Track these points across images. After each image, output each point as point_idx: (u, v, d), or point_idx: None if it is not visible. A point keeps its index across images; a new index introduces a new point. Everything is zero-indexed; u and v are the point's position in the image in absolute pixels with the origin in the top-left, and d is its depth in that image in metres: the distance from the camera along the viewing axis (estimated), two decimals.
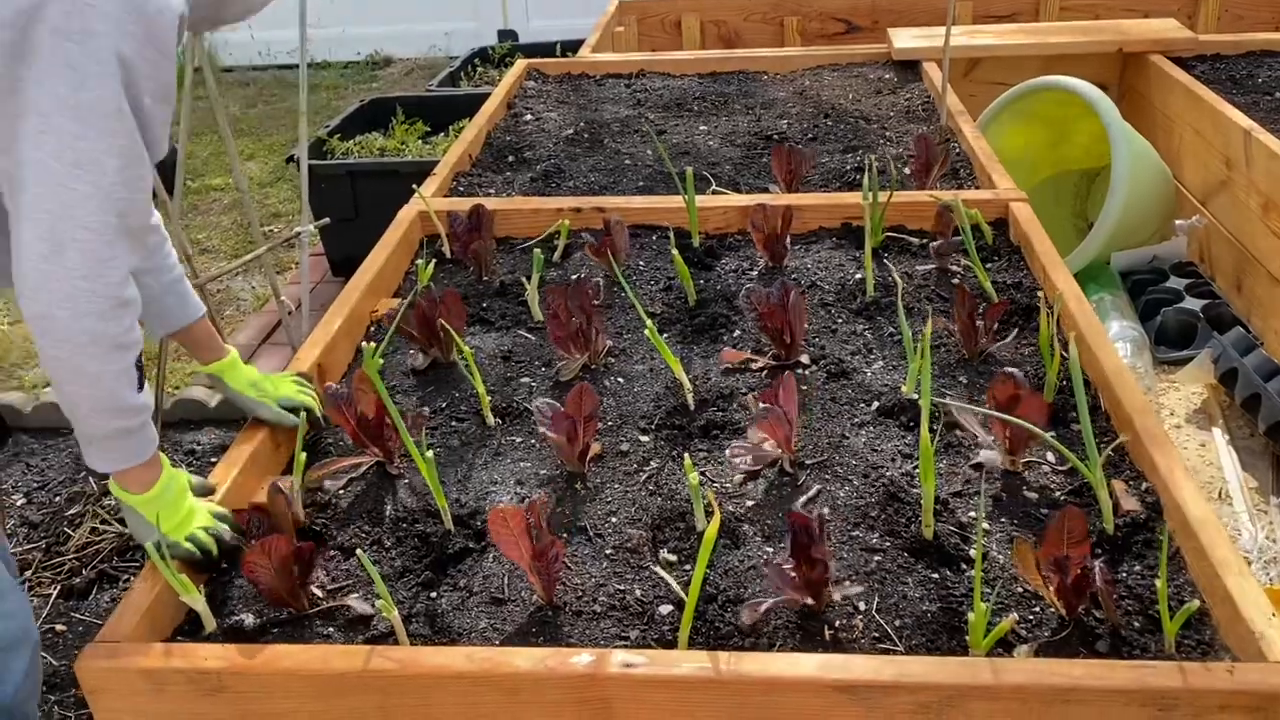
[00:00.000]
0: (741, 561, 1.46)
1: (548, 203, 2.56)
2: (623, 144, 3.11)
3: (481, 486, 1.66)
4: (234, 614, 1.42)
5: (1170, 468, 1.52)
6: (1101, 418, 1.73)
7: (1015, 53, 3.75)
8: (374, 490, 1.66)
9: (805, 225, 2.46)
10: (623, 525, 1.55)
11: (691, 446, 1.73)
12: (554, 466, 1.69)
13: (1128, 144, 3.04)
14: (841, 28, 4.85)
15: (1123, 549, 1.46)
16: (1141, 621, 1.34)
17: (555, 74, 3.80)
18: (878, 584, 1.42)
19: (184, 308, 1.68)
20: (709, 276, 2.30)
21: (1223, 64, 3.61)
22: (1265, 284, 2.87)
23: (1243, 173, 2.97)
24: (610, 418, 1.82)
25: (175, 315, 1.67)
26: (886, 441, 1.71)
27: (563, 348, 1.94)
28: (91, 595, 2.25)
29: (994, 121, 3.48)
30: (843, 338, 2.03)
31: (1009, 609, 1.37)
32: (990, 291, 2.10)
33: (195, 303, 1.70)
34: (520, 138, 3.18)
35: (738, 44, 4.87)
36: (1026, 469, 1.63)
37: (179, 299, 1.68)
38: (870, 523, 1.53)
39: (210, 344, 1.73)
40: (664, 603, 1.40)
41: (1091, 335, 1.85)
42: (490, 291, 2.25)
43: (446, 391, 1.92)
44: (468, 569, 1.49)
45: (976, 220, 2.34)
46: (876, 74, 3.62)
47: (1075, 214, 3.80)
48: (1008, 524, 1.52)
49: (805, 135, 3.10)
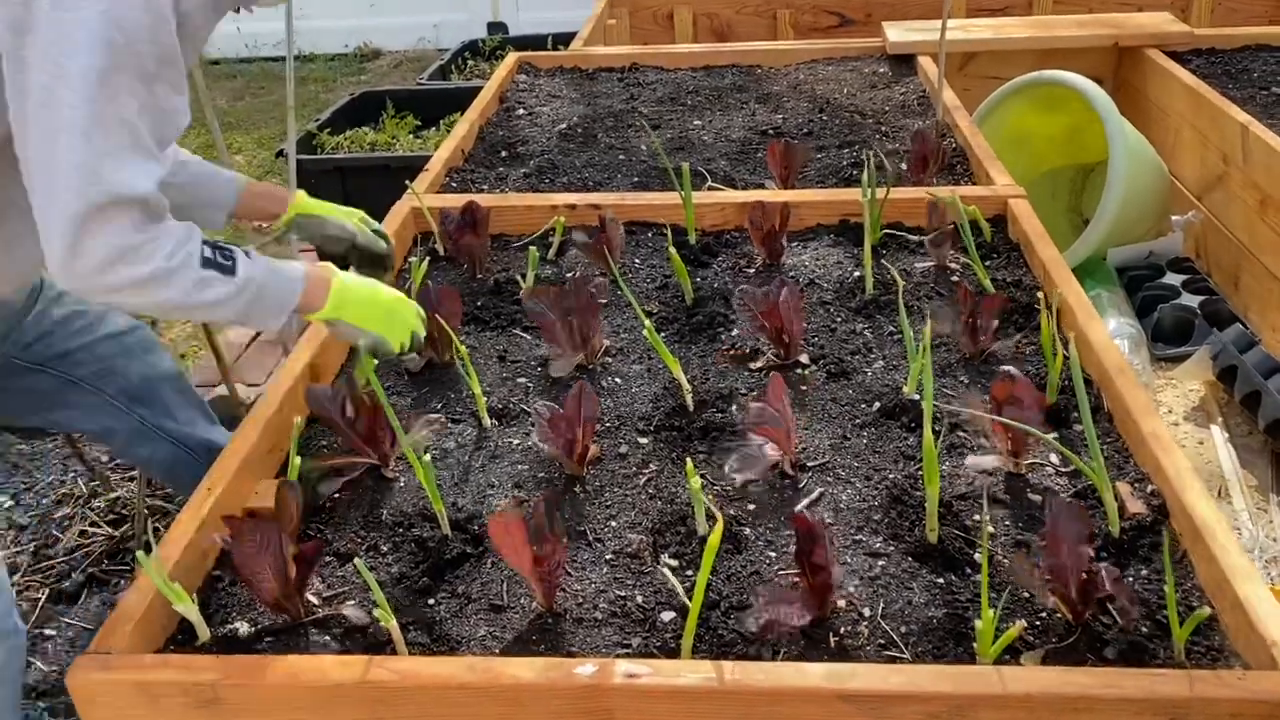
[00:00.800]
0: (744, 566, 1.44)
1: (542, 199, 2.53)
2: (616, 139, 3.08)
3: (479, 490, 1.63)
4: (228, 622, 1.39)
5: (1176, 469, 1.50)
6: (1104, 418, 1.71)
7: (1011, 47, 3.73)
8: (369, 494, 1.63)
9: (803, 222, 2.43)
10: (623, 530, 1.53)
11: (691, 448, 1.71)
12: (552, 469, 1.67)
13: (1124, 140, 3.03)
14: (834, 20, 4.83)
15: (1129, 552, 1.45)
16: (1149, 627, 1.32)
17: (547, 67, 3.76)
18: (882, 589, 1.40)
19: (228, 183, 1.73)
20: (706, 274, 2.27)
21: (1218, 58, 3.60)
22: (1263, 280, 2.86)
23: (1240, 168, 2.96)
24: (608, 419, 1.79)
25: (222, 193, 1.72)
26: (888, 443, 1.69)
27: (560, 348, 1.92)
28: (81, 599, 2.22)
29: (990, 116, 3.46)
30: (842, 337, 2.01)
31: (1015, 614, 1.35)
32: (989, 288, 2.09)
33: (228, 174, 1.73)
34: (513, 132, 3.14)
35: (730, 37, 4.84)
36: (1030, 470, 1.61)
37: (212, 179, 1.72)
38: (874, 526, 1.51)
39: (273, 194, 1.78)
40: (666, 609, 1.38)
41: (1093, 334, 1.83)
42: (485, 290, 2.22)
43: (442, 392, 1.90)
44: (466, 575, 1.46)
45: (975, 217, 2.32)
46: (871, 68, 3.60)
47: (1070, 209, 3.78)
48: (1012, 527, 1.51)
49: (801, 130, 3.08)
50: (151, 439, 1.92)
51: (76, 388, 1.88)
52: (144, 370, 1.90)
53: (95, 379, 1.89)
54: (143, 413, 1.89)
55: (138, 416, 1.88)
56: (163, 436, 1.92)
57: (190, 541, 1.45)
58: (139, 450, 1.94)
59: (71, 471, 2.58)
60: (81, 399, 1.81)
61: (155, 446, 1.92)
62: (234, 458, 1.62)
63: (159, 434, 1.91)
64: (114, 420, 1.87)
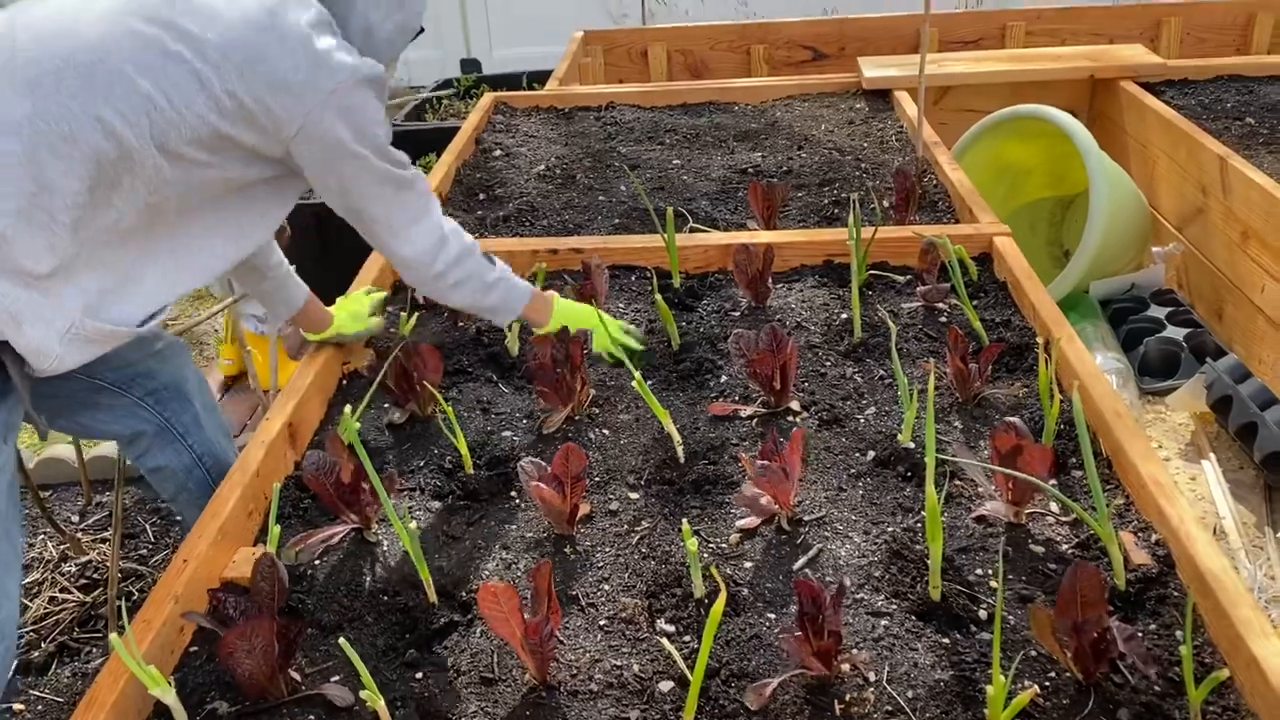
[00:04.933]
0: (743, 630, 1.39)
1: (524, 244, 2.49)
2: (596, 179, 3.05)
3: (465, 553, 1.58)
4: (206, 701, 1.33)
5: (1180, 518, 1.47)
6: (1102, 463, 1.68)
7: (987, 80, 3.74)
8: (352, 560, 1.57)
9: (787, 263, 2.41)
10: (616, 593, 1.48)
11: (684, 503, 1.66)
12: (540, 529, 1.61)
13: (1104, 173, 3.03)
14: (808, 55, 4.84)
15: (1136, 605, 1.41)
16: (1163, 685, 1.28)
17: (523, 107, 3.74)
18: (887, 651, 1.35)
19: (299, 289, 1.94)
20: (691, 318, 2.24)
21: (1191, 89, 3.62)
22: (1247, 312, 2.86)
23: (1220, 200, 2.96)
24: (597, 473, 1.74)
25: (294, 298, 1.93)
26: (885, 494, 1.65)
27: (547, 400, 1.87)
28: (51, 670, 2.13)
29: (968, 150, 3.46)
30: (832, 382, 1.98)
31: (1023, 675, 1.31)
32: (980, 331, 2.06)
33: (303, 285, 1.96)
34: (490, 175, 3.11)
35: (705, 73, 4.84)
36: (1030, 520, 1.58)
37: (295, 285, 1.95)
38: (875, 583, 1.47)
39: (322, 316, 1.99)
40: (664, 678, 1.33)
41: (1088, 378, 1.81)
42: (466, 339, 2.17)
43: (425, 448, 1.84)
44: (454, 645, 1.41)
45: (961, 256, 2.30)
46: (848, 104, 3.59)
47: (1050, 241, 3.78)
48: (1015, 580, 1.47)
49: (780, 168, 3.06)
50: (175, 444, 1.93)
51: (105, 390, 1.87)
52: (173, 374, 1.91)
53: (124, 382, 1.88)
54: (170, 416, 1.90)
55: (165, 419, 1.90)
56: (185, 444, 1.94)
57: (166, 617, 1.39)
58: (160, 457, 1.93)
59: (41, 533, 2.48)
60: (110, 401, 1.79)
61: (176, 453, 1.94)
62: (210, 524, 1.56)
63: (182, 441, 1.93)
64: (142, 423, 1.87)
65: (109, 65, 1.40)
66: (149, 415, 1.89)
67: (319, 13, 1.58)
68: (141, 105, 1.42)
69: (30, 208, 1.37)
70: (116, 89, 1.40)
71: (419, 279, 1.85)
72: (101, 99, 1.39)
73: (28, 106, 1.36)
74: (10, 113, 1.34)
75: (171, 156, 1.46)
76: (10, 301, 1.38)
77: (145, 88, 1.41)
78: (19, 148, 1.35)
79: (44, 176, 1.36)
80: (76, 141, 1.38)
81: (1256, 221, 2.76)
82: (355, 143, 1.59)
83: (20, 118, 1.35)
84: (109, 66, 1.40)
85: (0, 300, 1.38)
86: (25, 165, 1.35)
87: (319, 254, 3.96)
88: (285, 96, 1.50)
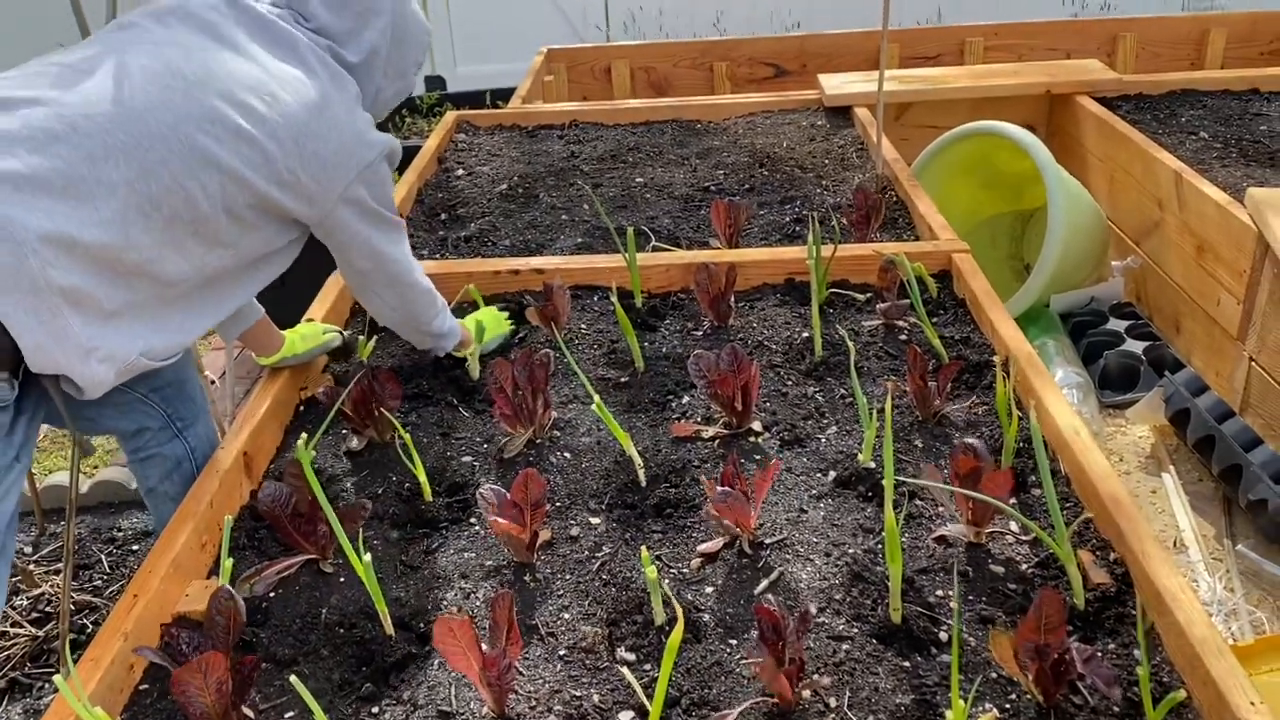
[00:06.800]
0: (704, 657, 1.38)
1: (485, 264, 2.48)
2: (559, 198, 3.04)
3: (423, 582, 1.56)
4: None
5: (1138, 536, 1.48)
6: (1061, 481, 1.69)
7: (947, 96, 3.77)
8: (308, 592, 1.55)
9: (749, 281, 2.41)
10: (576, 621, 1.46)
11: (645, 527, 1.65)
12: (500, 557, 1.60)
13: (1062, 188, 3.05)
14: (770, 72, 4.86)
15: (1095, 624, 1.42)
16: (1121, 705, 1.28)
17: (486, 125, 3.73)
18: (848, 675, 1.35)
19: (252, 307, 1.94)
20: (653, 338, 2.23)
21: (1146, 104, 3.67)
22: (1204, 325, 2.89)
23: (1175, 214, 2.99)
24: (559, 497, 1.73)
25: (246, 314, 1.92)
26: (846, 515, 1.65)
27: (508, 424, 1.85)
28: (2, 706, 2.08)
29: (928, 167, 3.48)
30: (794, 401, 1.97)
31: (984, 697, 1.31)
32: (939, 349, 2.07)
33: (257, 304, 1.95)
34: (452, 194, 3.09)
35: (668, 89, 4.85)
36: (990, 540, 1.58)
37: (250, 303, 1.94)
38: (836, 606, 1.46)
39: (273, 336, 2.00)
40: (624, 708, 1.31)
41: (1046, 396, 1.82)
42: (426, 362, 2.15)
43: (384, 475, 1.82)
44: (411, 678, 1.38)
45: (920, 273, 2.31)
46: (809, 120, 3.61)
47: (1010, 255, 3.81)
48: (976, 601, 1.47)
49: (742, 185, 3.06)
50: (175, 439, 1.95)
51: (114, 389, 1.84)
52: (177, 372, 1.94)
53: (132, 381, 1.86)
54: (172, 412, 1.94)
55: (168, 416, 1.94)
56: (182, 438, 1.96)
57: (115, 655, 1.36)
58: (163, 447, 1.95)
59: None
60: (117, 398, 1.82)
61: (173, 447, 1.96)
62: (163, 557, 1.53)
63: (180, 435, 1.96)
64: (147, 418, 1.90)
65: (198, 144, 1.55)
66: (154, 411, 1.92)
67: (355, 92, 1.80)
68: (219, 179, 1.58)
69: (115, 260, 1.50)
70: (200, 162, 1.56)
71: None
72: (187, 171, 1.55)
73: (126, 172, 1.49)
74: (110, 175, 1.48)
75: (232, 218, 1.63)
76: (86, 339, 1.47)
77: (226, 163, 1.58)
78: (116, 205, 1.48)
79: (130, 235, 1.50)
80: (160, 206, 1.53)
81: (1211, 235, 2.80)
82: (376, 203, 1.81)
83: (118, 180, 1.48)
84: (198, 144, 1.55)
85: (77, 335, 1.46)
86: (119, 224, 1.49)
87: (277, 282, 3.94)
88: (334, 171, 1.71)
